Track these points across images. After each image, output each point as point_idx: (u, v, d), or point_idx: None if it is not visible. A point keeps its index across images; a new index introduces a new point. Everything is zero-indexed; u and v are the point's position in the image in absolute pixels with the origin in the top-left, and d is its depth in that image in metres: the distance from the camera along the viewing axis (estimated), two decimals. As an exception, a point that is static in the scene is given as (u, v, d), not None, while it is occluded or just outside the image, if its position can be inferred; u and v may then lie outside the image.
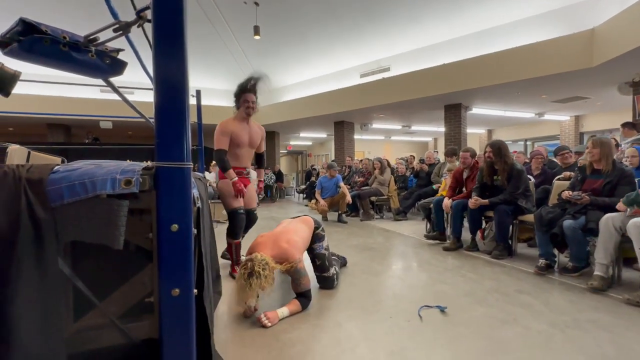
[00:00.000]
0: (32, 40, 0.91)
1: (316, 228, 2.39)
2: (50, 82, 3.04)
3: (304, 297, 2.00)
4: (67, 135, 10.57)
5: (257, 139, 2.67)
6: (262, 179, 2.95)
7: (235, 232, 2.57)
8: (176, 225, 0.79)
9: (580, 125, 10.31)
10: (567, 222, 2.48)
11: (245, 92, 2.51)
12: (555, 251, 2.73)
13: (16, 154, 2.72)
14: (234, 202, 2.51)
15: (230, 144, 2.52)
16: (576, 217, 2.51)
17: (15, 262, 0.63)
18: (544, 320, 1.84)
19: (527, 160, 4.64)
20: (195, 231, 0.85)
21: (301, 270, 1.99)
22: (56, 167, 0.72)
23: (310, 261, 2.39)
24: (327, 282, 2.36)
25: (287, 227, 2.28)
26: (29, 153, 2.75)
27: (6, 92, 0.90)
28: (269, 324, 1.78)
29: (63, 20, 6.12)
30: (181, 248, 0.79)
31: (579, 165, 3.03)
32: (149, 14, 0.87)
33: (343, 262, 2.90)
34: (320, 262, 2.33)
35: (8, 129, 10.60)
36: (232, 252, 2.67)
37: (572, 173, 3.30)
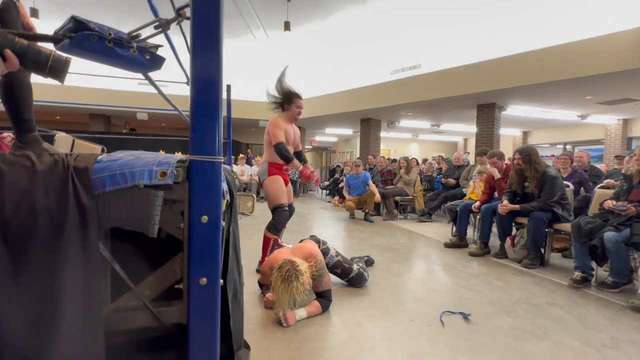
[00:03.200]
0: (82, 37, 0.96)
1: (318, 245, 2.25)
2: (93, 75, 3.24)
3: (324, 298, 1.96)
4: (107, 125, 11.25)
5: (297, 139, 2.76)
6: (312, 170, 2.76)
7: (277, 228, 2.60)
8: (206, 217, 0.81)
9: (628, 129, 9.52)
10: (609, 234, 2.31)
11: (298, 97, 2.61)
12: (594, 264, 2.55)
13: (62, 141, 2.93)
14: (281, 198, 2.57)
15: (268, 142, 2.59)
16: (619, 229, 2.33)
17: (63, 244, 0.68)
18: (578, 337, 1.73)
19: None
20: (223, 223, 0.88)
21: (323, 266, 1.99)
22: (100, 157, 0.77)
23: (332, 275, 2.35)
24: (356, 280, 2.33)
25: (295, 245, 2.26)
26: (73, 141, 2.96)
27: (61, 79, 0.95)
28: (285, 325, 1.76)
29: (108, 15, 6.48)
30: (210, 239, 0.82)
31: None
32: (188, 11, 0.90)
33: (370, 262, 2.87)
34: (340, 269, 2.30)
35: (55, 118, 11.43)
36: (269, 247, 2.60)
37: (612, 181, 3.06)
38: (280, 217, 2.58)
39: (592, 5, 5.68)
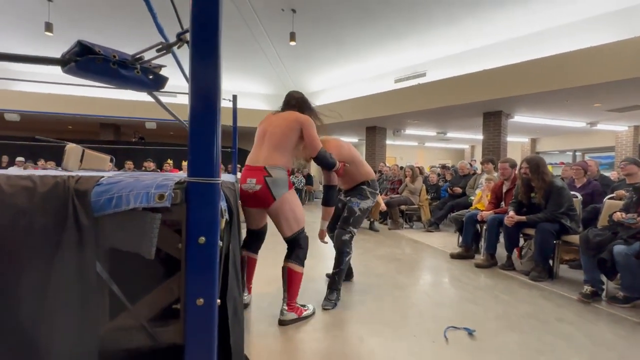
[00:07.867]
0: (87, 60, 1.00)
1: (371, 190, 2.49)
2: (102, 86, 3.32)
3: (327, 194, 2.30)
4: (117, 134, 11.47)
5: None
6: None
7: (303, 257, 2.03)
8: (203, 238, 0.82)
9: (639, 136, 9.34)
10: (619, 247, 2.25)
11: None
12: (604, 277, 2.49)
13: (73, 151, 2.99)
14: (302, 222, 2.02)
15: (292, 144, 2.05)
16: (629, 242, 2.27)
17: (58, 261, 0.69)
18: (587, 355, 1.68)
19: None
20: (221, 243, 0.89)
21: (355, 158, 2.48)
22: (101, 179, 0.79)
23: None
24: (341, 244, 2.38)
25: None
26: (83, 151, 3.02)
27: None
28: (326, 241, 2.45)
29: (118, 29, 6.66)
30: (207, 260, 0.83)
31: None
32: (188, 36, 0.92)
33: (348, 273, 2.74)
34: (346, 215, 2.40)
35: (67, 127, 11.71)
36: (299, 283, 2.04)
37: (623, 191, 3.00)
38: (306, 242, 2.04)
39: (599, 12, 5.65)
